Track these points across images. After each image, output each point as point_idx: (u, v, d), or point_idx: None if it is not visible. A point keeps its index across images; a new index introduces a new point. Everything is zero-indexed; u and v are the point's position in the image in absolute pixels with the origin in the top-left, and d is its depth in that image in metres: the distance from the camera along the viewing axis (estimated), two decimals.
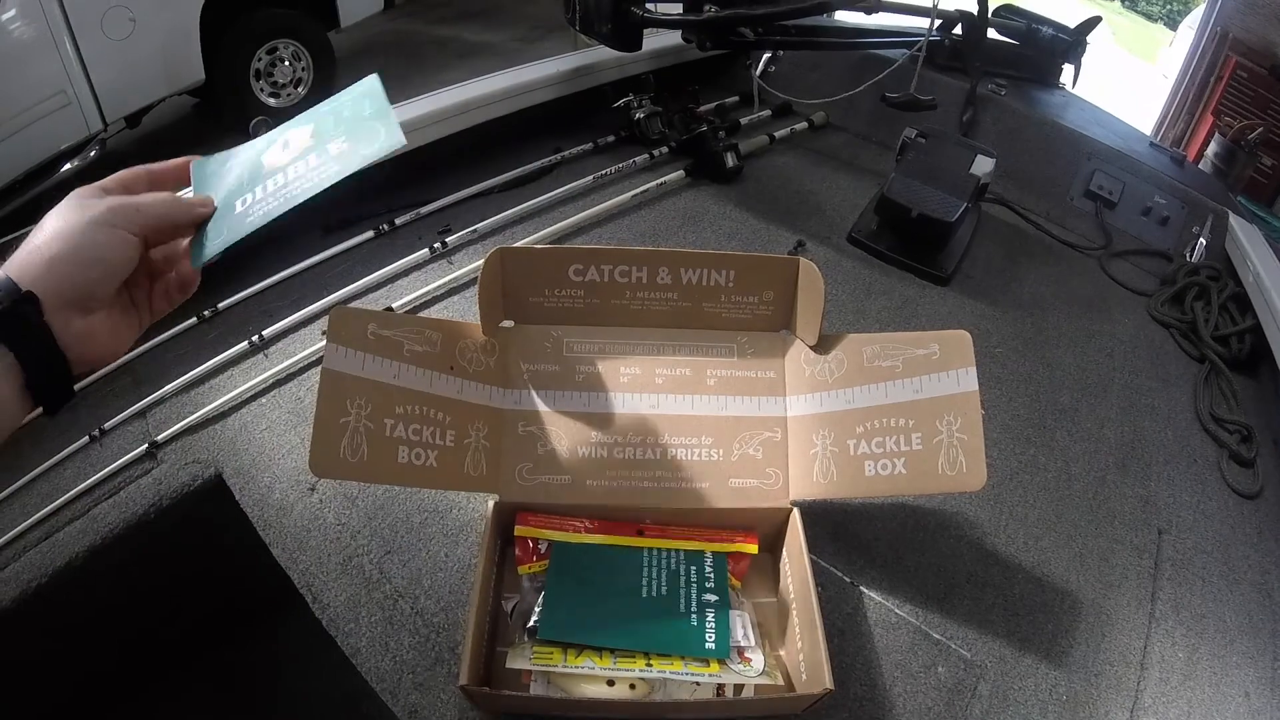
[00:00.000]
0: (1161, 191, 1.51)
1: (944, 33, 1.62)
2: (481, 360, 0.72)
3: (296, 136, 0.60)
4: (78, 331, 0.46)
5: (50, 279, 0.45)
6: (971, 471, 0.64)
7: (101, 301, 0.48)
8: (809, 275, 0.72)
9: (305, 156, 0.58)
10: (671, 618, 0.65)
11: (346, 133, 0.59)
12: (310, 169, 0.57)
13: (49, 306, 0.45)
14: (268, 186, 0.57)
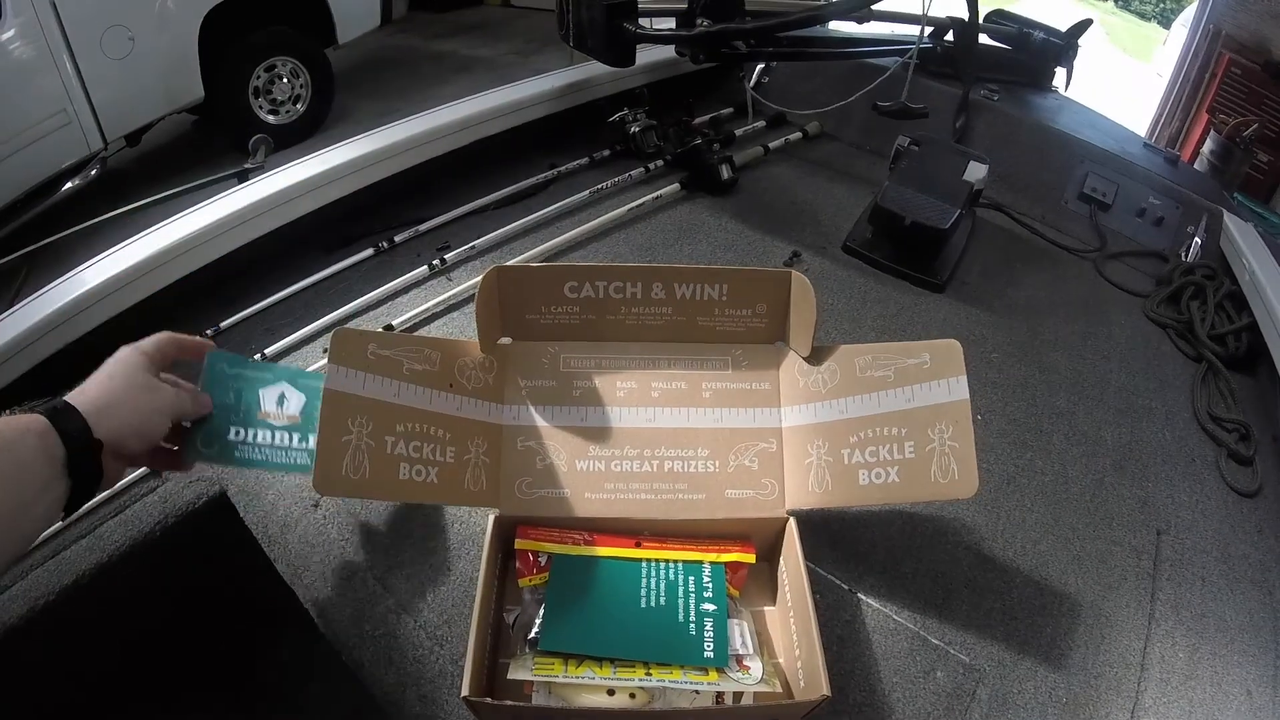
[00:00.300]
0: (1156, 192, 1.52)
1: (935, 40, 1.64)
2: (480, 377, 0.73)
3: (293, 399, 0.73)
4: (108, 471, 0.59)
5: (112, 434, 0.58)
6: (963, 479, 0.64)
7: (130, 455, 0.62)
8: (801, 288, 0.73)
9: (290, 431, 0.71)
10: (670, 627, 0.66)
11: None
12: (287, 449, 0.71)
13: (104, 452, 0.58)
14: (257, 435, 0.70)
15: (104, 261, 1.06)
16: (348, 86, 3.46)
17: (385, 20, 3.49)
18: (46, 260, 1.64)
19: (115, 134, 2.68)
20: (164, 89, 2.79)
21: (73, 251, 1.32)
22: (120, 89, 2.62)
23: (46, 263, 1.63)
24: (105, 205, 1.60)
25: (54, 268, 1.11)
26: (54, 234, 1.54)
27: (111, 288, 1.04)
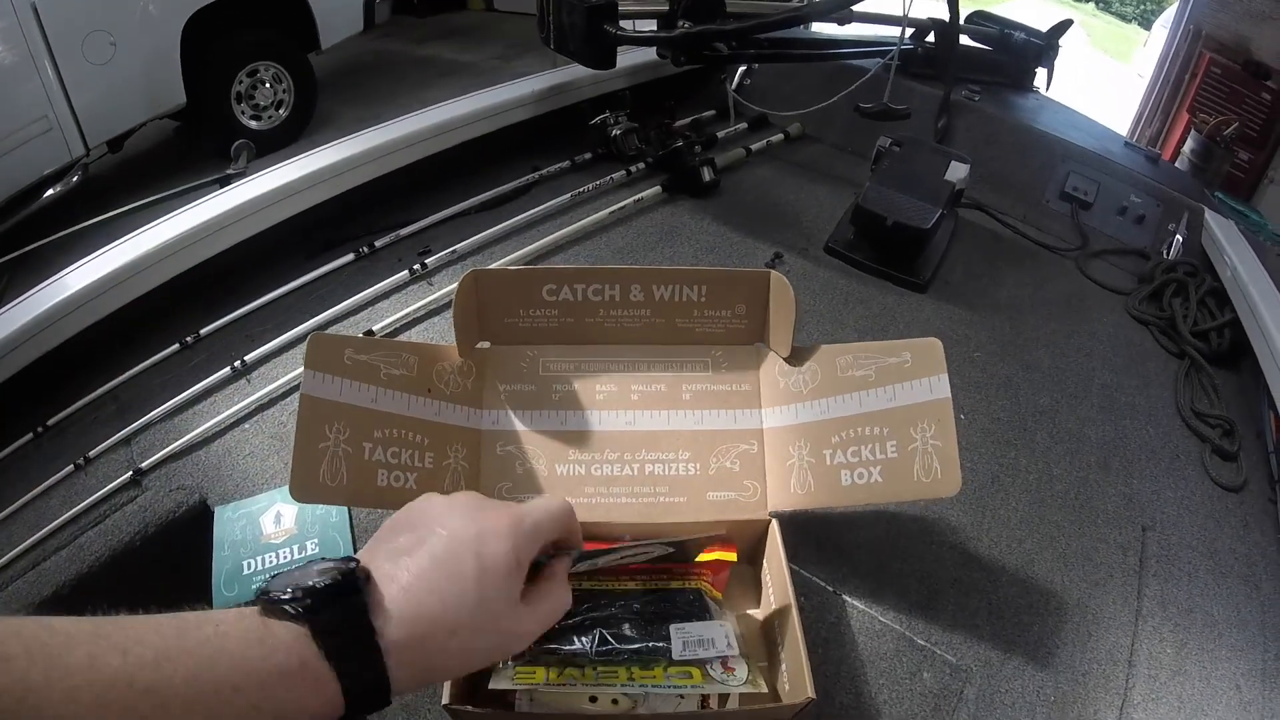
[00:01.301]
0: (1137, 190, 1.53)
1: (917, 41, 1.65)
2: (458, 382, 0.73)
3: (287, 514, 0.79)
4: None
5: (411, 688, 0.41)
6: (946, 478, 0.64)
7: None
8: (780, 288, 0.73)
9: (291, 544, 0.77)
10: None
11: (319, 534, 0.78)
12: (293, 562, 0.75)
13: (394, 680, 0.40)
14: (265, 561, 0.74)
15: (85, 267, 1.06)
16: (330, 91, 3.45)
17: (368, 25, 3.48)
18: (28, 267, 1.62)
19: (97, 140, 2.66)
20: (146, 94, 2.77)
21: (54, 258, 1.31)
22: (102, 95, 2.60)
23: (28, 269, 1.61)
24: (87, 211, 1.59)
25: (35, 274, 1.10)
26: (35, 240, 1.53)
27: (93, 293, 1.04)
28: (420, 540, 0.43)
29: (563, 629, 0.64)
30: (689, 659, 0.63)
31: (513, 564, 0.44)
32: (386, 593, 0.39)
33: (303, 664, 0.35)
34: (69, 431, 1.01)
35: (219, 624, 0.35)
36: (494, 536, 0.43)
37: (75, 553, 0.85)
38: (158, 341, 1.09)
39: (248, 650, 0.34)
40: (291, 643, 0.36)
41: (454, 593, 0.41)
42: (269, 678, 0.34)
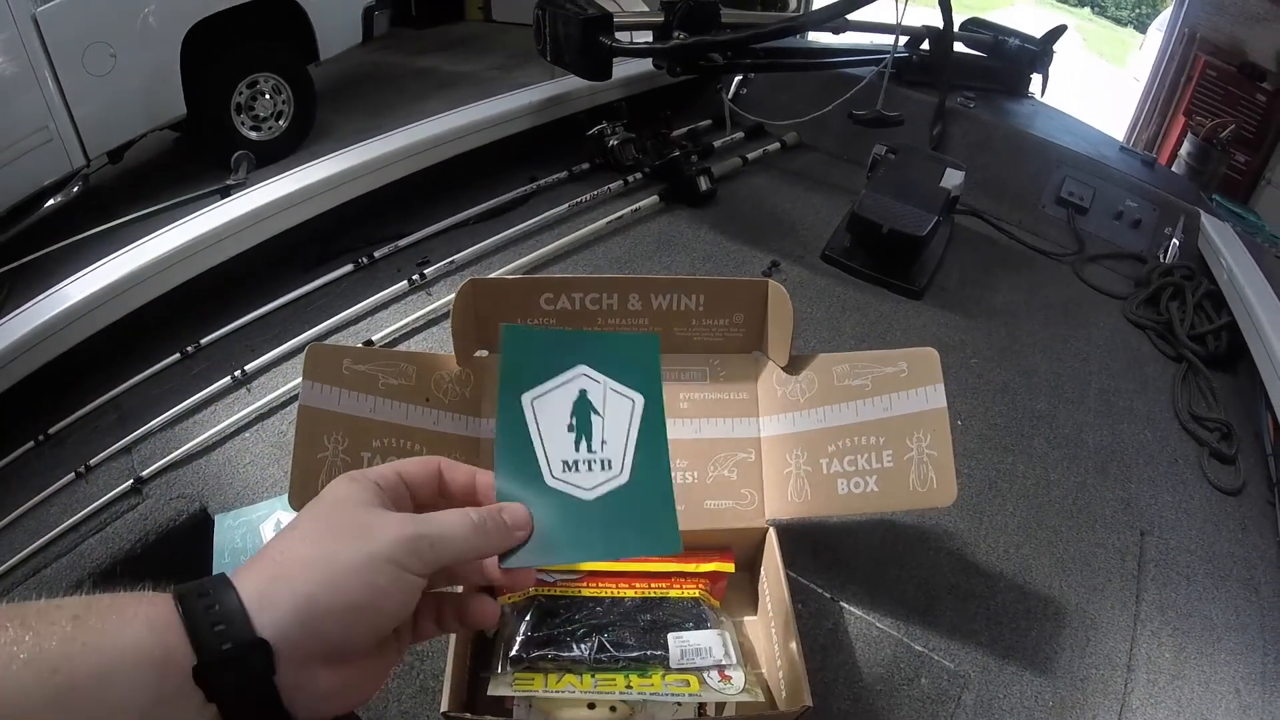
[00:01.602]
0: (1133, 195, 1.54)
1: (911, 49, 1.65)
2: (456, 391, 0.73)
3: (287, 521, 0.73)
4: (319, 690, 0.34)
5: (298, 626, 0.33)
6: (942, 487, 0.64)
7: (358, 653, 0.35)
8: (778, 297, 0.73)
9: None
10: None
11: None
12: None
13: (287, 659, 0.33)
14: None
15: (86, 278, 1.06)
16: (330, 103, 3.45)
17: (367, 37, 3.48)
18: (28, 277, 1.63)
19: (97, 151, 2.66)
20: (146, 106, 2.77)
21: (55, 268, 1.32)
22: (102, 106, 2.61)
23: (28, 279, 1.62)
24: (87, 222, 1.59)
25: (36, 284, 1.11)
26: (36, 251, 1.53)
27: (93, 304, 1.04)
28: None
29: (561, 636, 0.65)
30: (686, 667, 0.63)
31: (347, 482, 0.38)
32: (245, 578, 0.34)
33: (138, 605, 0.32)
34: (70, 440, 1.01)
35: (106, 670, 0.30)
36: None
37: (76, 560, 0.85)
38: (158, 351, 1.09)
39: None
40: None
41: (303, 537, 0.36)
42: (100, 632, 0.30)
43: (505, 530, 0.40)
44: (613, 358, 0.50)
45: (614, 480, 0.47)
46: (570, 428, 0.47)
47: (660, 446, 0.48)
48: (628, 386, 0.49)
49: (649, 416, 0.49)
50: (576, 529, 0.45)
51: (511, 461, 0.45)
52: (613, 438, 0.48)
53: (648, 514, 0.47)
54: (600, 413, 0.48)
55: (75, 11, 2.46)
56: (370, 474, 0.39)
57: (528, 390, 0.47)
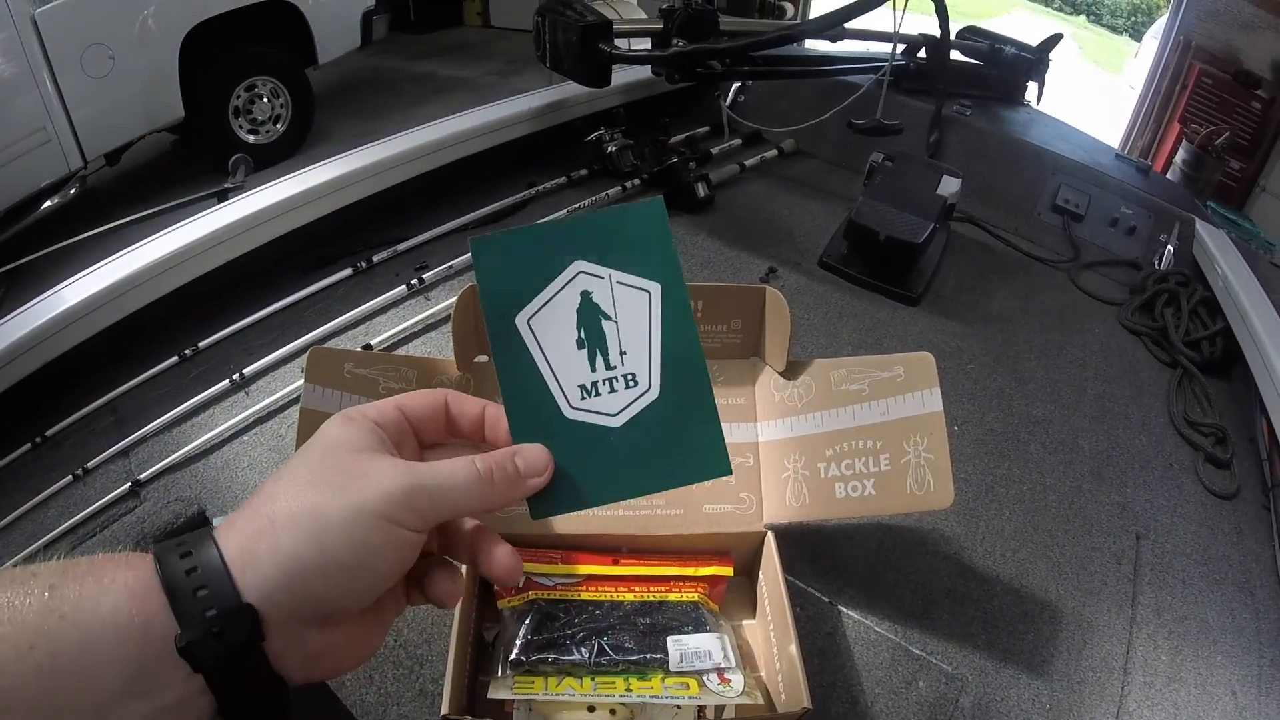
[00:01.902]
0: (1128, 202, 1.55)
1: (909, 57, 1.66)
2: None
3: None
4: (311, 651, 0.32)
5: (284, 588, 0.30)
6: (939, 490, 0.65)
7: (351, 613, 0.33)
8: (775, 303, 0.74)
9: None
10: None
11: None
12: None
13: (275, 623, 0.31)
14: None
15: (83, 280, 1.06)
16: (328, 106, 3.46)
17: (366, 41, 3.49)
18: (25, 279, 1.63)
19: (95, 153, 2.66)
20: (144, 108, 2.77)
21: (52, 270, 1.32)
22: (100, 107, 2.61)
23: (25, 281, 1.62)
24: (84, 224, 1.59)
25: (32, 286, 1.11)
26: (33, 252, 1.53)
27: (90, 306, 1.04)
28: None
29: (561, 639, 0.65)
30: (686, 670, 0.63)
31: (342, 421, 0.35)
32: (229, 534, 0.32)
33: (115, 568, 0.30)
34: (67, 442, 1.01)
35: (85, 633, 0.28)
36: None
37: None
38: (156, 354, 1.09)
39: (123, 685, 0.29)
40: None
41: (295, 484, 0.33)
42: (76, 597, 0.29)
43: (516, 480, 0.36)
44: (612, 240, 0.41)
45: (643, 397, 0.40)
46: (580, 343, 0.40)
47: (690, 344, 0.41)
48: (638, 275, 0.41)
49: (670, 306, 0.41)
50: (608, 463, 0.39)
51: (520, 399, 0.39)
52: (632, 344, 0.41)
53: (687, 432, 0.41)
54: (612, 316, 0.41)
55: (74, 13, 2.46)
56: (369, 411, 0.36)
57: (519, 309, 0.40)
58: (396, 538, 0.32)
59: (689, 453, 0.41)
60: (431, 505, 0.33)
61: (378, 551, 0.32)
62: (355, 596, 0.33)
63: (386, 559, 0.33)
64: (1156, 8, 6.38)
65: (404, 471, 0.33)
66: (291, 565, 0.30)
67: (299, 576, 0.31)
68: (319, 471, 0.33)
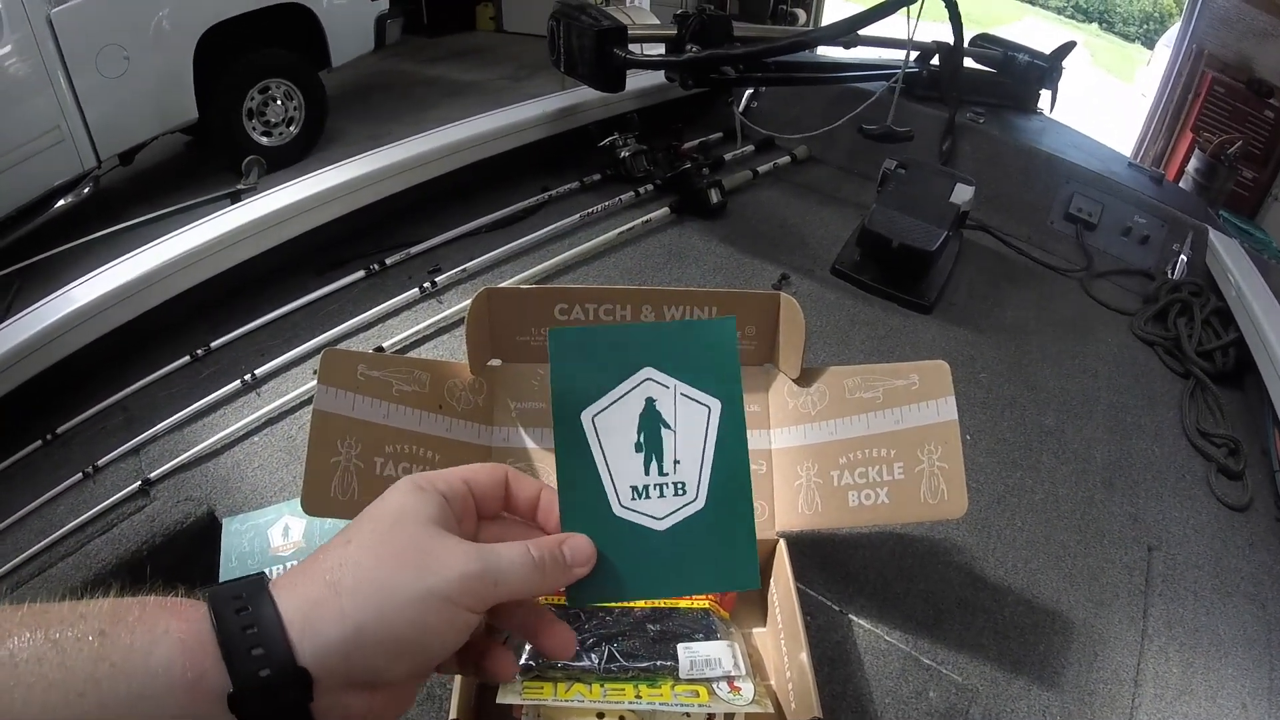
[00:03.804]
0: (1141, 211, 1.55)
1: (921, 64, 1.66)
2: (470, 399, 0.73)
3: (295, 526, 0.77)
4: (352, 713, 0.33)
5: (342, 656, 0.31)
6: (953, 499, 0.65)
7: (398, 682, 0.34)
8: (790, 310, 0.74)
9: (297, 558, 0.73)
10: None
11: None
12: None
13: (325, 686, 0.31)
14: (273, 574, 0.68)
15: (95, 280, 1.07)
16: (341, 109, 3.47)
17: (379, 44, 3.51)
18: (37, 277, 1.64)
19: (109, 152, 2.67)
20: (158, 108, 2.79)
21: (64, 269, 1.33)
22: (114, 107, 2.62)
23: (37, 279, 1.63)
24: (97, 224, 1.60)
25: (44, 285, 1.12)
26: (45, 251, 1.54)
27: (102, 306, 1.05)
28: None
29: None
30: (696, 677, 0.63)
31: (413, 491, 0.36)
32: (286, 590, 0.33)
33: (169, 618, 0.30)
34: (77, 440, 1.02)
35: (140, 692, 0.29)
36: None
37: (82, 560, 0.86)
38: (168, 353, 1.10)
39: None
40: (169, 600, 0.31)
41: (366, 552, 0.34)
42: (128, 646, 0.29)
43: (564, 568, 0.38)
44: (682, 353, 0.43)
45: (689, 507, 0.42)
46: (638, 446, 0.43)
47: (740, 462, 0.43)
48: (701, 390, 0.43)
49: (727, 424, 0.43)
50: (646, 562, 0.42)
51: (575, 489, 0.41)
52: (686, 455, 0.43)
53: (724, 544, 0.43)
54: (672, 426, 0.43)
55: (90, 13, 2.48)
56: (438, 483, 0.37)
57: (586, 406, 0.42)
58: (457, 619, 0.33)
59: (723, 564, 0.43)
60: (494, 590, 0.34)
61: (437, 631, 0.33)
62: (406, 670, 0.33)
63: (444, 638, 0.33)
64: (1169, 15, 6.37)
65: (472, 557, 0.34)
66: (352, 636, 0.31)
67: (357, 648, 0.31)
68: (389, 544, 0.34)
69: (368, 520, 0.35)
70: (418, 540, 0.34)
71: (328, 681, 0.31)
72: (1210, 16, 3.50)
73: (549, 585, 0.37)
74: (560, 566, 0.38)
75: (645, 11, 1.43)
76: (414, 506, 0.35)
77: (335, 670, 0.31)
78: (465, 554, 0.34)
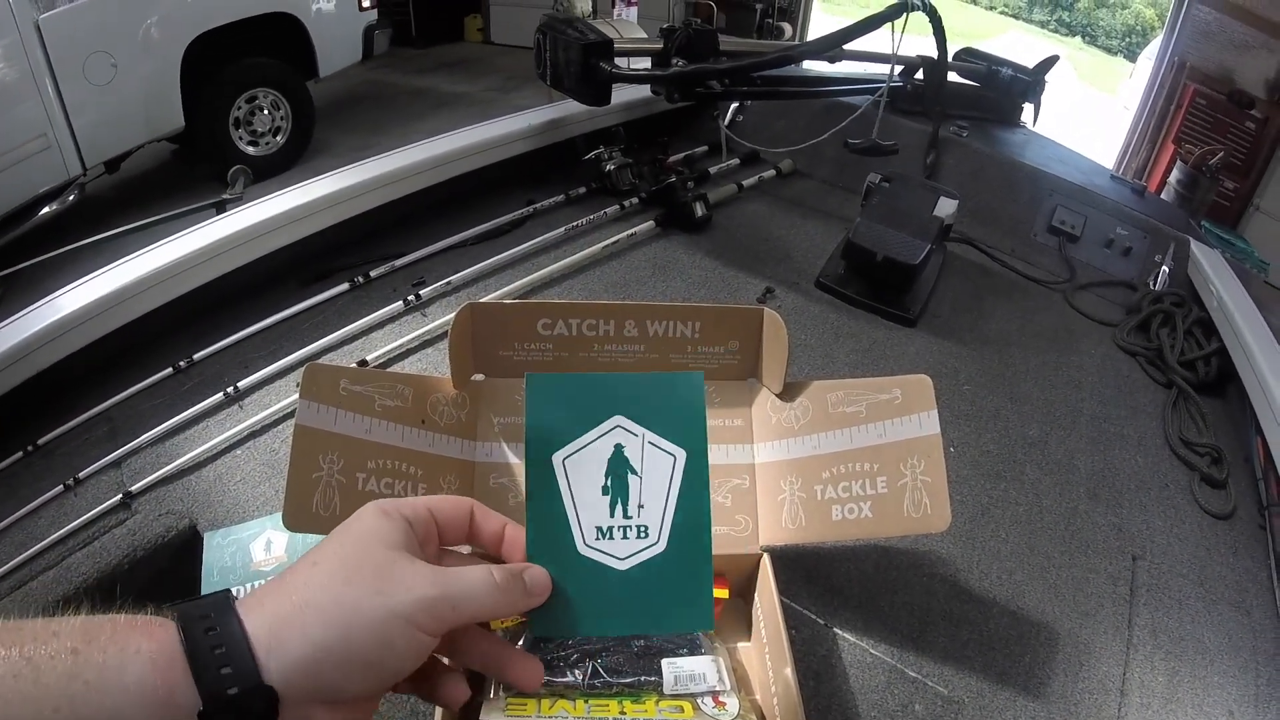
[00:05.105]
0: (1123, 223, 1.56)
1: (906, 78, 1.68)
2: (453, 414, 0.73)
3: (278, 540, 0.76)
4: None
5: (306, 674, 0.32)
6: (936, 513, 0.65)
7: (359, 699, 0.35)
8: (773, 325, 0.74)
9: (279, 573, 0.69)
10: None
11: None
12: None
13: (289, 701, 0.32)
14: (254, 588, 0.66)
15: (79, 289, 1.06)
16: (328, 120, 3.48)
17: (367, 55, 3.52)
18: (21, 284, 1.63)
19: (95, 160, 2.67)
20: (145, 117, 2.79)
21: (47, 277, 1.32)
22: (101, 115, 2.62)
23: (21, 287, 1.62)
24: (82, 231, 1.60)
25: (29, 292, 1.11)
26: (30, 258, 1.53)
27: (85, 315, 1.04)
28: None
29: (554, 662, 0.64)
30: (680, 693, 0.63)
31: (379, 516, 0.38)
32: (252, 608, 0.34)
33: (139, 635, 0.32)
34: (59, 452, 1.01)
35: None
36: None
37: (63, 574, 0.85)
38: (151, 365, 1.09)
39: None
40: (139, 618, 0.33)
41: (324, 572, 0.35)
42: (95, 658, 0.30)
43: (524, 594, 0.41)
44: (652, 403, 0.46)
45: (650, 549, 0.45)
46: (605, 489, 0.45)
47: (701, 509, 0.45)
48: (668, 439, 0.46)
49: (691, 474, 0.46)
50: (606, 599, 0.44)
51: (542, 525, 0.44)
52: (650, 500, 0.45)
53: (681, 587, 0.46)
54: (638, 472, 0.46)
55: (78, 20, 2.48)
56: (404, 509, 0.39)
57: (558, 449, 0.45)
58: (416, 640, 0.35)
59: (680, 606, 0.46)
60: (454, 612, 0.36)
61: (398, 651, 0.35)
62: (367, 687, 0.35)
63: (404, 658, 0.35)
64: (1151, 29, 6.46)
65: (433, 580, 0.36)
66: (317, 655, 0.33)
67: (322, 665, 0.33)
68: (354, 565, 0.35)
69: (334, 543, 0.37)
70: (381, 564, 0.36)
71: (293, 697, 0.32)
72: (1192, 29, 3.56)
73: (507, 609, 0.40)
74: (520, 591, 0.41)
75: (632, 25, 1.44)
76: (379, 530, 0.37)
77: (300, 687, 0.32)
78: (426, 577, 0.36)
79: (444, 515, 0.41)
